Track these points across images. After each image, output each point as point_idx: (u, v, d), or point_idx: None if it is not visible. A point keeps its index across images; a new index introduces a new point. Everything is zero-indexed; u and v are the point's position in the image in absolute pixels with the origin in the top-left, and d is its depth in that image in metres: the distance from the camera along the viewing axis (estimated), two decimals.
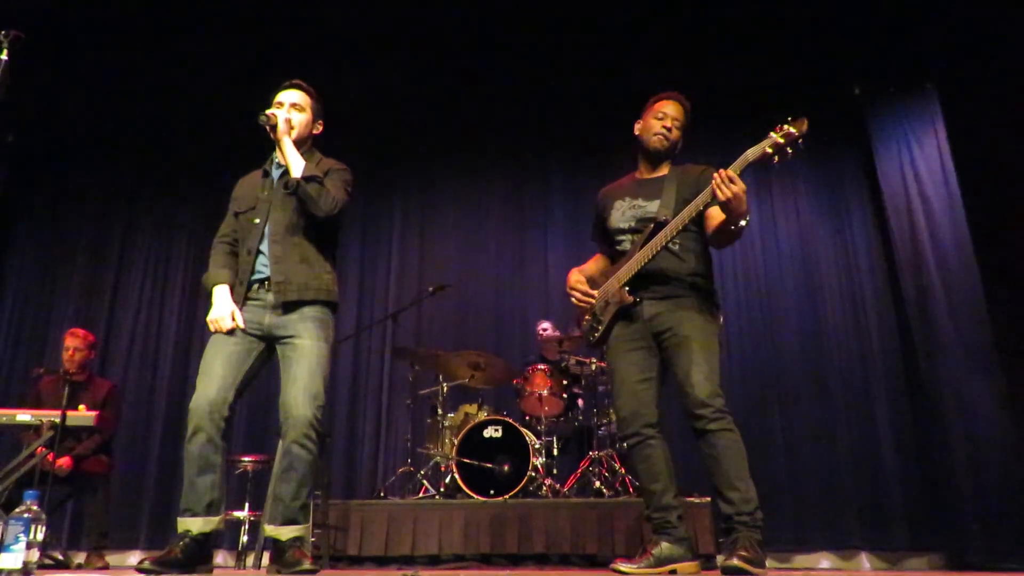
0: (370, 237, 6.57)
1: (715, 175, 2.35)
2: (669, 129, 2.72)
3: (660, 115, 2.75)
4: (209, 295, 2.70)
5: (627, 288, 2.62)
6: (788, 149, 2.33)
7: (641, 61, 5.76)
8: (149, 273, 6.63)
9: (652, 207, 2.65)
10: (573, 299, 2.80)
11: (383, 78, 6.20)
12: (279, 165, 2.79)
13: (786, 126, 2.34)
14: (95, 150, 6.76)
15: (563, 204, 6.47)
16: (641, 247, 2.60)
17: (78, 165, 6.77)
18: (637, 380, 2.59)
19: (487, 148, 6.72)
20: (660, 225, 2.56)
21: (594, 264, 2.91)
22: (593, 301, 2.74)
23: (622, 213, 2.73)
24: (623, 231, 2.73)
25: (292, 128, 2.72)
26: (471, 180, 6.71)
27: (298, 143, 2.74)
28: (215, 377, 2.53)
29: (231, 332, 2.60)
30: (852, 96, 6.07)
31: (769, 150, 2.35)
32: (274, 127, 2.67)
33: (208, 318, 2.65)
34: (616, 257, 2.76)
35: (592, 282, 2.80)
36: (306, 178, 2.63)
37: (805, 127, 2.31)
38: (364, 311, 6.34)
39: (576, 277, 2.82)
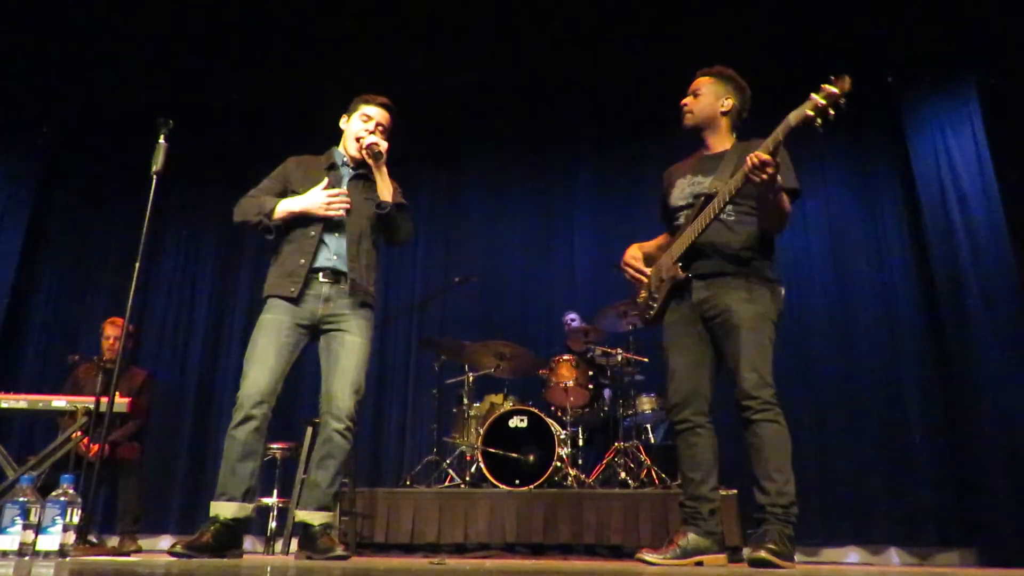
0: None
1: (748, 159, 2.30)
2: (684, 105, 2.74)
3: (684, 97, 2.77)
4: (263, 229, 2.71)
5: (679, 264, 2.58)
6: (831, 110, 2.21)
7: (670, 49, 5.68)
8: (179, 261, 6.72)
9: (707, 182, 2.61)
10: (626, 275, 2.79)
11: (409, 69, 6.19)
12: (346, 163, 2.83)
13: (827, 86, 2.23)
14: (128, 136, 6.82)
15: (589, 194, 6.43)
16: (693, 221, 2.57)
17: (110, 151, 6.85)
18: (690, 366, 2.57)
19: (513, 138, 6.70)
20: (711, 198, 2.52)
21: (655, 241, 2.88)
22: (645, 279, 2.72)
23: (681, 191, 2.72)
24: (680, 208, 2.71)
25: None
26: (497, 170, 6.70)
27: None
28: (268, 367, 2.57)
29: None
30: (885, 84, 5.96)
31: (811, 112, 2.24)
32: (380, 156, 2.72)
33: (316, 201, 2.64)
34: (674, 234, 2.73)
35: (650, 258, 2.78)
36: (399, 206, 2.75)
37: (848, 85, 2.20)
38: (391, 301, 6.36)
39: (632, 253, 2.81)
